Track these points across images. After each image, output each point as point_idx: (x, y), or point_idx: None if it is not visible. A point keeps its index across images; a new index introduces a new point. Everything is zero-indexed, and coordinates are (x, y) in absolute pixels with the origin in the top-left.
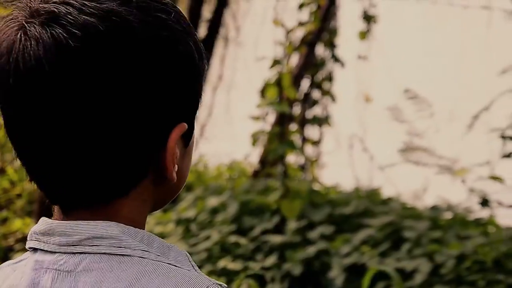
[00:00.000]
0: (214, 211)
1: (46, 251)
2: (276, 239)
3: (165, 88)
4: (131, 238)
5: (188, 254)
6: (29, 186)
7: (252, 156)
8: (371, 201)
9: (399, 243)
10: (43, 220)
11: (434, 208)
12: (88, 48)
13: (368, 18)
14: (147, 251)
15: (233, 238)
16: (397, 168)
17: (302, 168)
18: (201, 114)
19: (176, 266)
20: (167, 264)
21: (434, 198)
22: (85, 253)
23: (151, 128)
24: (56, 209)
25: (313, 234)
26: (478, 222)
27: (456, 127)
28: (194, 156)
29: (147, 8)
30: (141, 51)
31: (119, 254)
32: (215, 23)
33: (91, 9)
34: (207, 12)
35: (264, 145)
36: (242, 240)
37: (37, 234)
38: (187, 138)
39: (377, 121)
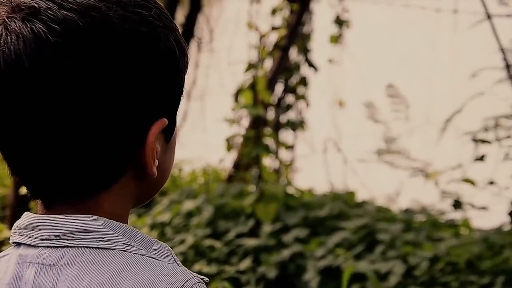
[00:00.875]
0: (189, 215)
1: (29, 245)
2: (251, 242)
3: (144, 84)
4: (114, 231)
5: (170, 249)
6: (2, 191)
7: (226, 161)
8: (345, 204)
9: (373, 246)
10: (26, 214)
11: (408, 210)
12: (67, 43)
13: (340, 22)
14: (129, 244)
15: (208, 242)
16: (371, 171)
17: (277, 172)
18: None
19: (158, 259)
20: (149, 258)
21: (407, 200)
22: (67, 246)
23: (130, 123)
24: (39, 203)
25: (288, 237)
26: (451, 224)
27: (428, 130)
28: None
29: (127, 4)
30: (120, 47)
31: (102, 248)
32: (189, 28)
33: (71, 5)
34: (180, 16)
35: (239, 149)
36: (217, 244)
37: (21, 229)
38: (168, 133)
39: (351, 124)
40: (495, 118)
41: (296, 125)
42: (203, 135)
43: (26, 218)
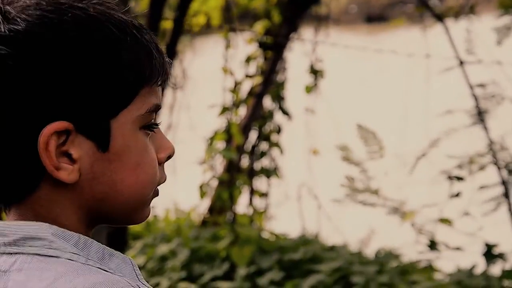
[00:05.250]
0: (163, 258)
1: None
2: (225, 285)
3: (28, 82)
4: (64, 241)
5: (133, 263)
6: None
7: (200, 206)
8: (319, 247)
9: None
10: None
11: (381, 254)
12: None
13: (314, 72)
14: (77, 254)
15: (183, 285)
16: (346, 215)
17: (251, 218)
18: None
19: (106, 270)
20: (96, 268)
21: (381, 242)
22: (19, 253)
23: (21, 124)
24: None
25: (263, 280)
26: (425, 267)
27: (402, 172)
28: None
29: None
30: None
31: (48, 256)
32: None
33: None
34: None
35: (213, 193)
36: (192, 287)
37: None
38: (99, 141)
39: (326, 171)
40: (469, 156)
41: (270, 172)
42: (174, 178)
43: None
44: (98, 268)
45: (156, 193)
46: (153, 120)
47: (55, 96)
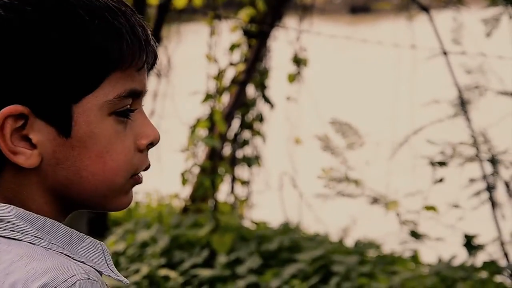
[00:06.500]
0: (144, 245)
1: None
2: (205, 273)
3: None
4: (28, 223)
5: (104, 248)
6: None
7: (181, 193)
8: (299, 236)
9: (328, 277)
10: None
11: (361, 243)
12: None
13: (298, 61)
14: (39, 237)
15: (162, 272)
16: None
17: (232, 206)
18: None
19: (67, 255)
20: (56, 252)
21: (363, 232)
22: None
23: None
24: None
25: (242, 268)
26: (405, 258)
27: (384, 161)
28: None
29: None
30: None
31: (10, 238)
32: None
33: None
34: None
35: (195, 181)
36: (172, 274)
37: None
38: (60, 126)
39: (308, 160)
40: (452, 144)
41: (252, 161)
42: (157, 164)
43: None
44: (60, 253)
45: (136, 180)
46: (128, 106)
47: (10, 80)
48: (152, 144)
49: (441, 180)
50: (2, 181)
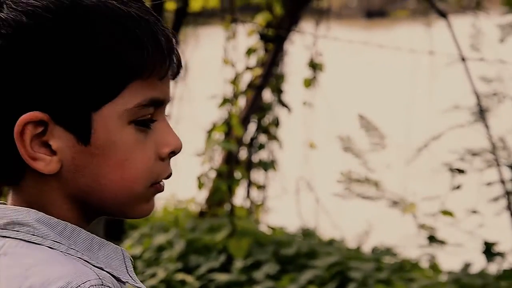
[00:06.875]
0: (160, 249)
1: None
2: (222, 277)
3: (6, 72)
4: (48, 228)
5: (125, 254)
6: None
7: (198, 197)
8: (316, 242)
9: (345, 283)
10: None
11: (378, 250)
12: None
13: (314, 66)
14: (59, 242)
15: (179, 276)
16: (343, 208)
17: (249, 210)
18: None
19: (86, 261)
20: (74, 258)
21: (380, 236)
22: (7, 237)
23: (1, 112)
24: None
25: (259, 273)
26: (423, 264)
27: (403, 165)
28: None
29: None
30: None
31: (31, 242)
32: None
33: None
34: None
35: (211, 185)
36: (189, 278)
37: None
38: (75, 132)
39: (324, 165)
40: (471, 151)
41: (268, 165)
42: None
43: None
44: (79, 258)
45: (157, 189)
46: (150, 115)
47: (30, 86)
48: (174, 153)
49: (459, 187)
50: (24, 186)
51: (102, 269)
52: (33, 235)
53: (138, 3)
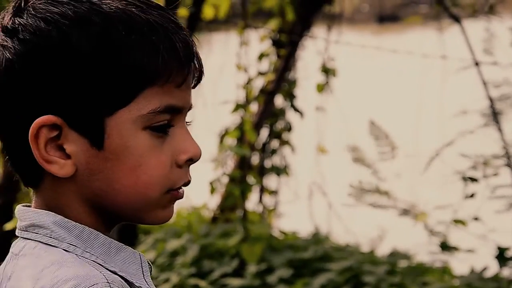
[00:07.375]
0: (174, 254)
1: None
2: (235, 282)
3: (22, 77)
4: (65, 231)
5: (143, 259)
6: None
7: (210, 202)
8: (329, 246)
9: (358, 287)
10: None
11: (392, 254)
12: None
13: (326, 71)
14: (74, 245)
15: (192, 281)
16: (355, 213)
17: (261, 215)
18: None
19: (100, 264)
20: (88, 261)
21: (392, 242)
22: (27, 239)
23: (17, 116)
24: None
25: (273, 278)
26: (436, 269)
27: (415, 173)
28: None
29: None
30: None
31: (48, 244)
32: None
33: None
34: None
35: (224, 190)
36: (202, 283)
37: None
38: (89, 136)
39: (336, 170)
40: (484, 157)
41: (281, 170)
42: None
43: None
44: (93, 261)
45: (175, 195)
46: (166, 121)
47: (45, 90)
48: (192, 160)
49: (472, 196)
50: (42, 189)
51: (115, 273)
52: (50, 237)
53: (159, 10)
